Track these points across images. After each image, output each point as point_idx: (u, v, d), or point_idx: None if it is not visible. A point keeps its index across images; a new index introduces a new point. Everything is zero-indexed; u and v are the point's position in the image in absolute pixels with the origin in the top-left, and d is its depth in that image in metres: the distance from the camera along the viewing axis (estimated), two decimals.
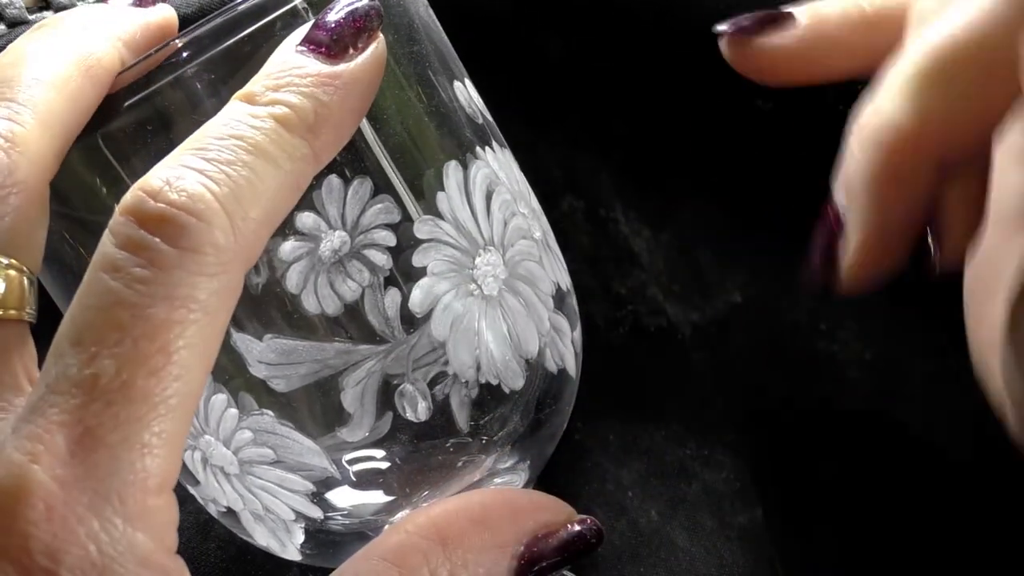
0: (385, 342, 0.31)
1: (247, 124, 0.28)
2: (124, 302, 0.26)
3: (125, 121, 0.31)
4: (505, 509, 0.31)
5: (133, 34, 0.33)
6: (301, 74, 0.29)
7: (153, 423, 0.26)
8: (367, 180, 0.31)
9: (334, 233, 0.31)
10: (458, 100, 0.34)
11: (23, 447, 0.25)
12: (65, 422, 0.25)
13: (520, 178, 0.35)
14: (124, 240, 0.26)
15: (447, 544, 0.30)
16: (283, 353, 0.31)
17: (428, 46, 0.34)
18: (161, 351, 0.26)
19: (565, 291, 0.35)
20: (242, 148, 0.27)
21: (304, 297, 0.31)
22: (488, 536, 0.31)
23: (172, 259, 0.26)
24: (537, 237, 0.35)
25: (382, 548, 0.30)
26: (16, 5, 0.43)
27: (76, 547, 0.25)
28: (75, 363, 0.26)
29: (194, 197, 0.26)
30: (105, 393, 0.25)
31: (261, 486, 0.32)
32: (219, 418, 0.32)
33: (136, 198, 0.27)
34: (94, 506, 0.25)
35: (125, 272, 0.26)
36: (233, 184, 0.27)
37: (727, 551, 0.47)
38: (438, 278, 0.32)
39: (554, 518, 0.32)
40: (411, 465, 0.33)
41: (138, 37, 0.33)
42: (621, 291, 0.49)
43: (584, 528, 0.32)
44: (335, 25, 0.29)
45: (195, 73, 0.30)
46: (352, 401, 0.32)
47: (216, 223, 0.27)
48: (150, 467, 0.26)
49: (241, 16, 0.30)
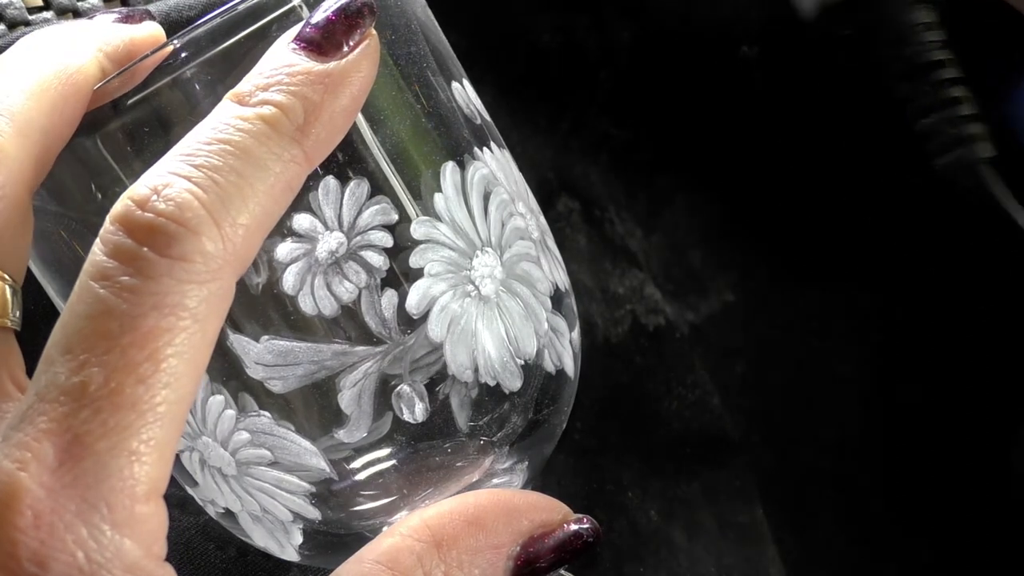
0: (382, 343, 0.31)
1: (235, 127, 0.28)
2: (113, 311, 0.26)
3: (123, 122, 0.31)
4: (500, 509, 0.31)
5: (116, 47, 0.33)
6: (291, 72, 0.29)
7: (142, 430, 0.26)
8: (364, 181, 0.31)
9: (331, 234, 0.31)
10: (456, 101, 0.34)
11: (11, 455, 0.25)
12: (53, 430, 0.25)
13: (518, 178, 0.35)
14: (113, 249, 0.27)
15: (441, 545, 0.30)
16: (280, 354, 0.31)
17: (426, 46, 0.34)
18: (150, 359, 0.26)
19: (563, 291, 0.35)
20: (230, 153, 0.27)
21: (301, 298, 0.31)
22: (483, 537, 0.31)
23: (161, 268, 0.26)
24: (535, 237, 0.35)
25: (376, 551, 0.30)
26: (16, 5, 0.43)
27: (64, 554, 0.25)
28: (64, 371, 0.26)
29: (182, 206, 0.27)
30: (94, 401, 0.25)
31: (259, 487, 0.32)
32: (216, 419, 0.32)
33: (124, 207, 0.27)
34: (82, 513, 0.25)
35: (114, 281, 0.26)
36: (221, 190, 0.27)
37: (727, 551, 0.47)
38: (435, 279, 0.32)
39: (550, 518, 0.32)
40: (409, 466, 0.32)
41: (121, 50, 0.33)
42: (619, 291, 0.49)
43: (581, 528, 0.32)
44: (326, 22, 0.29)
45: (193, 74, 0.30)
46: (350, 402, 0.32)
47: (204, 231, 0.27)
48: (138, 474, 0.26)
49: (239, 17, 0.30)
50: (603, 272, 0.49)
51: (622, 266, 0.49)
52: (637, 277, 0.49)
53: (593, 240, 0.49)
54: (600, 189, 0.50)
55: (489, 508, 0.31)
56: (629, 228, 0.50)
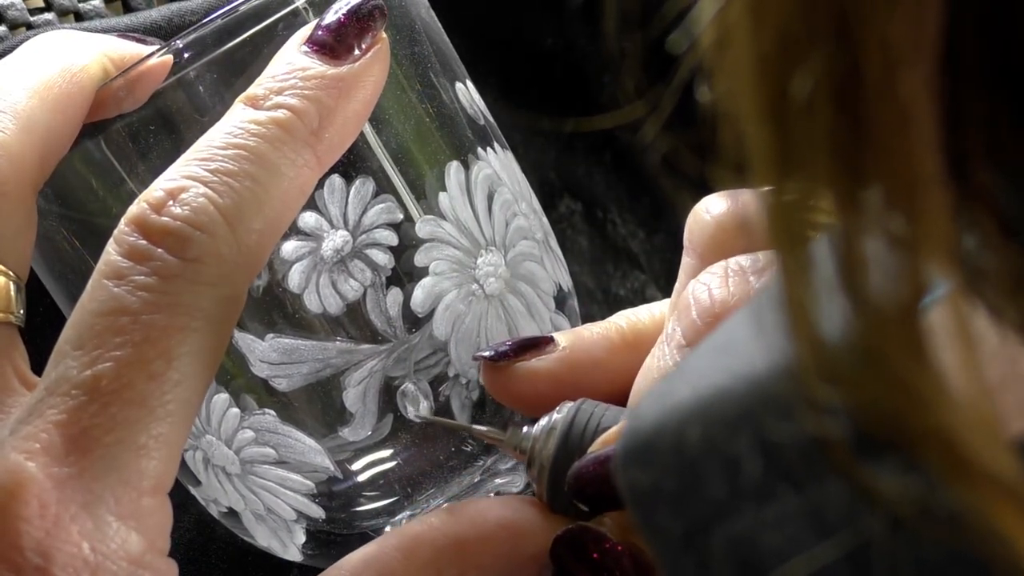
0: (387, 342, 0.31)
1: (249, 132, 0.28)
2: (127, 308, 0.26)
3: (127, 122, 0.31)
4: (478, 532, 0.30)
5: (123, 55, 0.33)
6: (304, 76, 0.29)
7: (151, 426, 0.26)
8: (369, 180, 0.31)
9: (336, 233, 0.31)
10: (460, 101, 0.34)
11: (19, 446, 0.25)
12: (62, 422, 0.26)
13: (521, 179, 0.35)
14: (128, 249, 0.27)
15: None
16: (285, 352, 0.31)
17: (429, 47, 0.34)
18: (162, 356, 0.26)
19: (566, 292, 0.35)
20: (245, 158, 0.27)
21: (306, 296, 0.31)
22: (467, 558, 0.30)
23: (175, 269, 0.26)
24: (539, 238, 0.35)
25: (352, 561, 0.30)
26: (18, 7, 0.43)
27: (69, 545, 0.25)
28: (76, 365, 0.26)
29: (197, 210, 0.27)
30: (104, 395, 0.26)
31: (263, 486, 0.32)
32: (221, 418, 0.32)
33: (140, 210, 0.27)
34: (88, 505, 0.25)
35: (128, 280, 0.26)
36: (236, 195, 0.27)
37: None
38: (440, 278, 0.32)
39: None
40: (413, 465, 0.33)
41: (126, 57, 0.33)
42: (620, 292, 0.49)
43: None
44: (338, 26, 0.29)
45: (197, 74, 0.30)
46: (354, 401, 0.32)
47: (219, 235, 0.27)
48: (146, 469, 0.26)
49: (243, 17, 0.30)
50: (604, 274, 0.49)
51: (624, 268, 0.49)
52: (639, 279, 0.49)
53: (595, 242, 0.49)
54: (602, 190, 0.50)
55: (471, 531, 0.30)
56: (631, 230, 0.50)
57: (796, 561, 0.19)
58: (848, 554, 0.19)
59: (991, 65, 0.17)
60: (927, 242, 0.17)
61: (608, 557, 0.28)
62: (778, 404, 0.19)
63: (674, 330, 0.30)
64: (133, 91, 0.31)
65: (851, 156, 0.17)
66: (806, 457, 0.19)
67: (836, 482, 0.19)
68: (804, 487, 0.19)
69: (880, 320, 0.17)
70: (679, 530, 0.21)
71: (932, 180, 0.17)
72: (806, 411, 0.19)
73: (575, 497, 0.29)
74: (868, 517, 0.19)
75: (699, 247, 0.31)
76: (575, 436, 0.29)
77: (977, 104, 0.17)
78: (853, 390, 0.18)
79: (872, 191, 0.17)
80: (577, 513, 0.29)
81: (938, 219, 0.17)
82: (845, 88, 0.17)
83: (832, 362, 0.18)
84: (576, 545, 0.29)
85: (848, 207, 0.17)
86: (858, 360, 0.18)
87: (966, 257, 0.17)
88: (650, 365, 0.31)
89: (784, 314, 0.18)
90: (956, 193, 0.17)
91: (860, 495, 0.19)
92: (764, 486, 0.20)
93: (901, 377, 0.17)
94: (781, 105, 0.17)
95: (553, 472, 0.30)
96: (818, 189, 0.17)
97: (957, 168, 0.17)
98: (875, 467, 0.18)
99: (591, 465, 0.29)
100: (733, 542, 0.20)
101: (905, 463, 0.18)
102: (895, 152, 0.17)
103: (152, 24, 0.40)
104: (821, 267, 0.18)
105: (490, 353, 0.32)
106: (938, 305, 0.17)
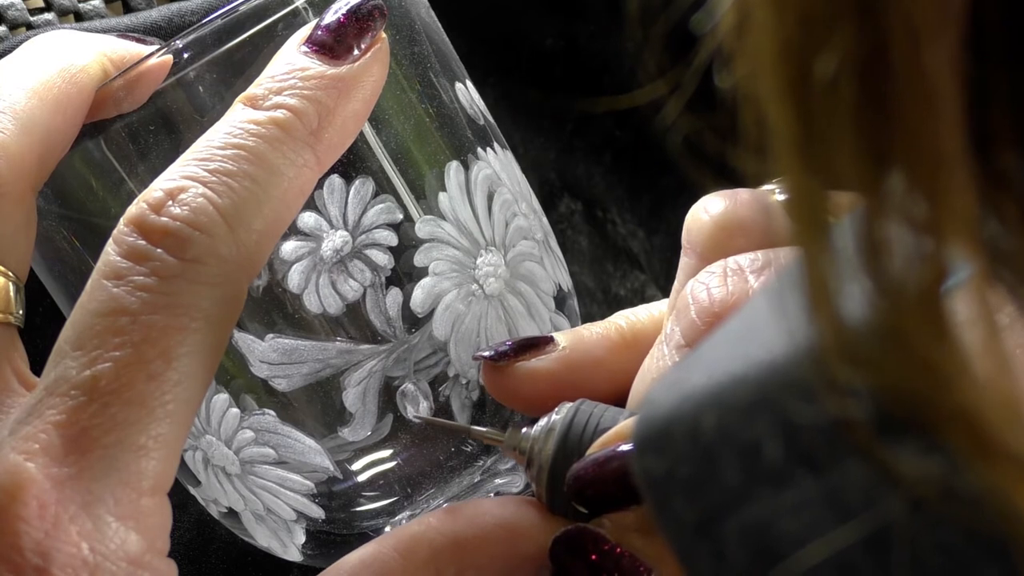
0: (387, 342, 0.31)
1: (249, 132, 0.28)
2: (127, 308, 0.26)
3: (127, 122, 0.31)
4: (476, 532, 0.30)
5: (122, 56, 0.33)
6: (304, 76, 0.29)
7: (150, 426, 0.26)
8: (369, 180, 0.31)
9: (336, 233, 0.31)
10: (459, 101, 0.34)
11: (19, 446, 0.25)
12: (62, 422, 0.26)
13: (521, 179, 0.35)
14: (127, 250, 0.27)
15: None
16: (285, 353, 0.31)
17: (429, 47, 0.34)
18: (161, 356, 0.26)
19: (566, 292, 0.35)
20: (244, 158, 0.27)
21: (306, 297, 0.31)
22: (465, 558, 0.30)
23: (175, 269, 0.26)
24: (538, 238, 0.35)
25: (350, 561, 0.30)
26: (18, 7, 0.43)
27: (68, 545, 0.25)
28: (75, 365, 0.26)
29: (196, 210, 0.27)
30: (103, 395, 0.26)
31: (262, 486, 0.33)
32: (220, 418, 0.32)
33: (139, 210, 0.27)
34: (88, 505, 0.25)
35: (127, 280, 0.26)
36: (235, 195, 0.27)
37: None
38: (440, 278, 0.32)
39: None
40: (412, 465, 0.33)
41: (126, 57, 0.33)
42: (620, 292, 0.49)
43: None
44: (338, 26, 0.29)
45: (197, 74, 0.30)
46: (354, 401, 0.32)
47: (218, 235, 0.27)
48: (145, 469, 0.26)
49: (243, 17, 0.30)
50: (605, 274, 0.49)
51: (624, 268, 0.49)
52: (639, 279, 0.49)
53: (595, 241, 0.49)
54: (602, 190, 0.50)
55: (470, 531, 0.30)
56: (631, 230, 0.50)
57: (813, 545, 0.19)
58: (867, 537, 0.19)
59: (1016, 43, 0.17)
60: (949, 223, 0.17)
61: (607, 558, 0.28)
62: (798, 387, 0.19)
63: (673, 330, 0.30)
64: (133, 91, 0.31)
65: (875, 136, 0.17)
66: (826, 440, 0.19)
67: (855, 465, 0.19)
68: (823, 471, 0.19)
69: (903, 301, 0.17)
70: (694, 518, 0.21)
71: (956, 161, 0.17)
72: (828, 393, 0.19)
73: (574, 498, 0.29)
74: (888, 500, 0.19)
75: (698, 247, 0.31)
76: (574, 437, 0.29)
77: (1001, 83, 0.17)
78: (876, 371, 0.18)
79: (895, 172, 0.17)
80: (576, 514, 0.29)
81: (961, 200, 0.17)
82: (869, 67, 0.17)
83: (854, 343, 0.18)
84: (575, 546, 0.29)
85: (871, 188, 0.17)
86: (881, 341, 0.18)
87: (988, 239, 0.17)
88: (649, 365, 0.31)
89: (806, 297, 0.18)
90: (979, 175, 0.17)
91: (881, 477, 0.19)
92: (781, 471, 0.20)
93: (924, 357, 0.17)
94: (804, 86, 0.17)
95: (552, 473, 0.30)
96: (841, 171, 0.17)
97: (980, 150, 0.17)
98: (897, 448, 0.18)
99: (590, 466, 0.29)
100: (748, 529, 0.20)
101: (927, 444, 0.18)
102: (919, 132, 0.17)
103: (152, 24, 0.40)
104: (842, 250, 0.18)
105: (490, 353, 0.32)
106: (961, 287, 0.17)
